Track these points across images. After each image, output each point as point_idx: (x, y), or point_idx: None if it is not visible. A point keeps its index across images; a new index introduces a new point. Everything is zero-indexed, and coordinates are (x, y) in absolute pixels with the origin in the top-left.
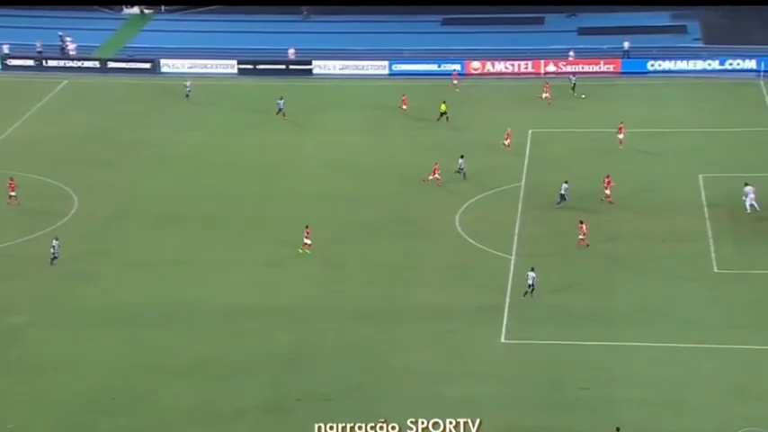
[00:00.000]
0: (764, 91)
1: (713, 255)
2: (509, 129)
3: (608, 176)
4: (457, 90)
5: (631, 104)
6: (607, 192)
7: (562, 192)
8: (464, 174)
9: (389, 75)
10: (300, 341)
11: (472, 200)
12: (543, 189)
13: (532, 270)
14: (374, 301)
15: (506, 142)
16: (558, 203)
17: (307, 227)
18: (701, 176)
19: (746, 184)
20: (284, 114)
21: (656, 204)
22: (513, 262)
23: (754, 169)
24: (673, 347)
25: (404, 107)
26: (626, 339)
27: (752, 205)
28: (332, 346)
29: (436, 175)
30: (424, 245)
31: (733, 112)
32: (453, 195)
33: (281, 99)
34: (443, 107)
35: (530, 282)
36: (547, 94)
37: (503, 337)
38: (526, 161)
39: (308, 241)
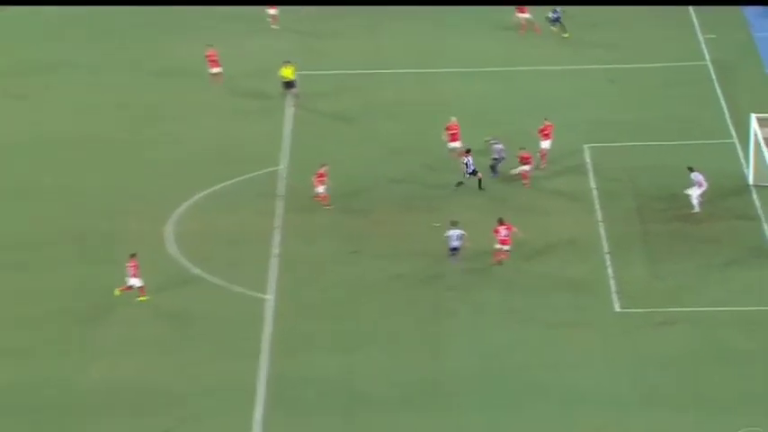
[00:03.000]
0: None
1: (612, 282)
2: (547, 120)
3: (525, 151)
4: (274, 26)
5: (445, 28)
6: (526, 168)
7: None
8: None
9: None
10: None
11: (194, 198)
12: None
13: (455, 225)
14: (12, 380)
15: (541, 148)
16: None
17: (132, 256)
18: (586, 147)
19: (691, 170)
20: None
21: (512, 196)
22: (272, 304)
23: (672, 133)
24: None
25: (214, 71)
26: (460, 429)
27: (699, 201)
28: None
29: (320, 189)
30: (106, 279)
31: (638, 38)
32: (159, 191)
33: None
34: (287, 72)
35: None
36: None
37: None
38: (286, 126)
39: (138, 282)
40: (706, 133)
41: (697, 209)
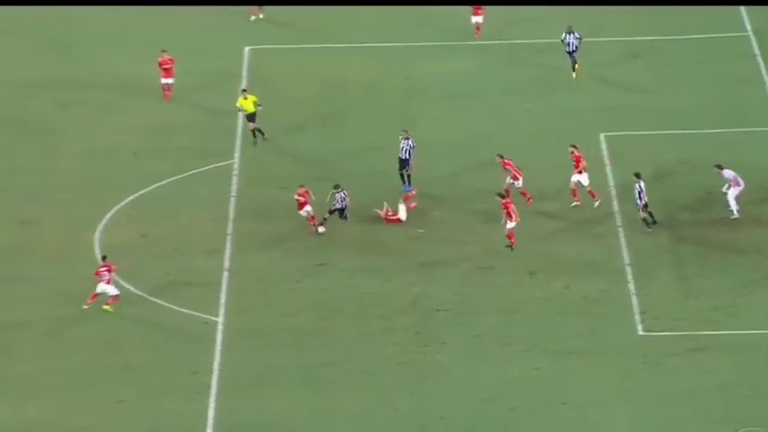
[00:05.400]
0: None
1: (634, 301)
2: (574, 148)
3: (575, 148)
4: None
5: None
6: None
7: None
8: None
9: None
10: None
11: (127, 200)
12: (279, 170)
13: (638, 177)
14: None
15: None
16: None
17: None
18: (603, 137)
19: (720, 167)
20: None
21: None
22: (223, 329)
23: (706, 120)
24: None
25: (165, 81)
26: None
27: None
28: None
29: (303, 212)
30: (25, 297)
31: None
32: (81, 190)
33: None
34: (246, 103)
35: (642, 201)
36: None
37: None
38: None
39: (113, 290)
40: (747, 119)
41: (736, 214)
